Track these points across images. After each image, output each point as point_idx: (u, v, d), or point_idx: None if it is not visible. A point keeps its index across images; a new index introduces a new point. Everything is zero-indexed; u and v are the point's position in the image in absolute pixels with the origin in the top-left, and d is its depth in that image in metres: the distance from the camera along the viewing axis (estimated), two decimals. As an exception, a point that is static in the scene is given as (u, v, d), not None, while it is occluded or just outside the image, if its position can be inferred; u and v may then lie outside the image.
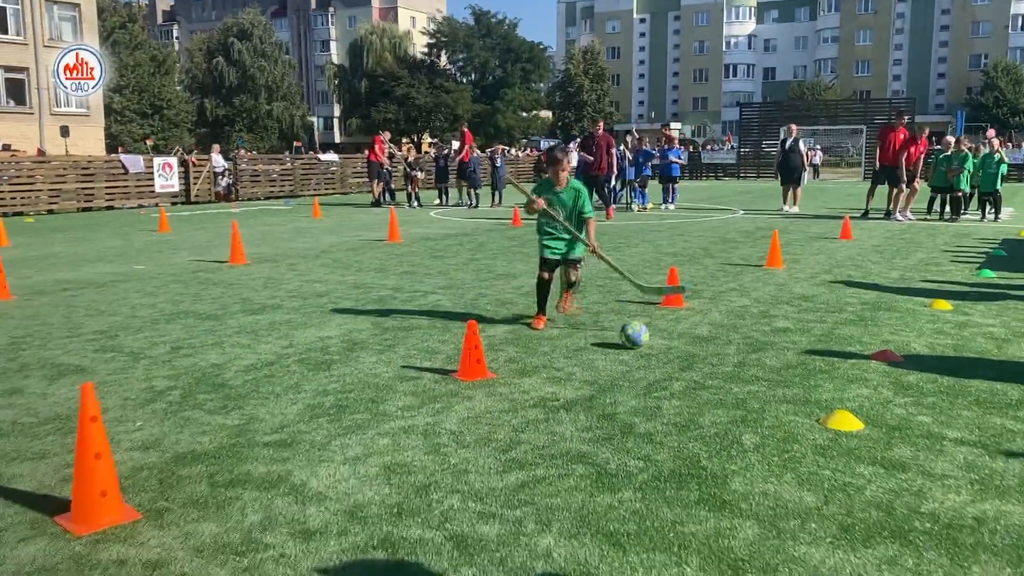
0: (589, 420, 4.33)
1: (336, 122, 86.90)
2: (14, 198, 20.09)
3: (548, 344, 6.01)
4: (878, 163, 16.15)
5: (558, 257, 6.47)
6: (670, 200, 19.46)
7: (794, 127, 18.54)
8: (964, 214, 16.09)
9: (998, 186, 15.85)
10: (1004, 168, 16.30)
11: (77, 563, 2.87)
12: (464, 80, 74.97)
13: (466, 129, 22.14)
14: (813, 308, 7.31)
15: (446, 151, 22.29)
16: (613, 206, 17.37)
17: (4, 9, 41.11)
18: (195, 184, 23.34)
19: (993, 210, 15.90)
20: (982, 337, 6.15)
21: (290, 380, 5.11)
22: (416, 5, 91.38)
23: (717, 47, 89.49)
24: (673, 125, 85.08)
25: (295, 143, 63.24)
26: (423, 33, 76.20)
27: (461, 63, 75.17)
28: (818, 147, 40.66)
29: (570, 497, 3.38)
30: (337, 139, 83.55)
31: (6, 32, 41.15)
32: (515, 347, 5.91)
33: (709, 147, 53.14)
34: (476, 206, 20.14)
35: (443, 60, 75.79)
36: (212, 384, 5.02)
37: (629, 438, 4.07)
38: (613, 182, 18.12)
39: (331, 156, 30.14)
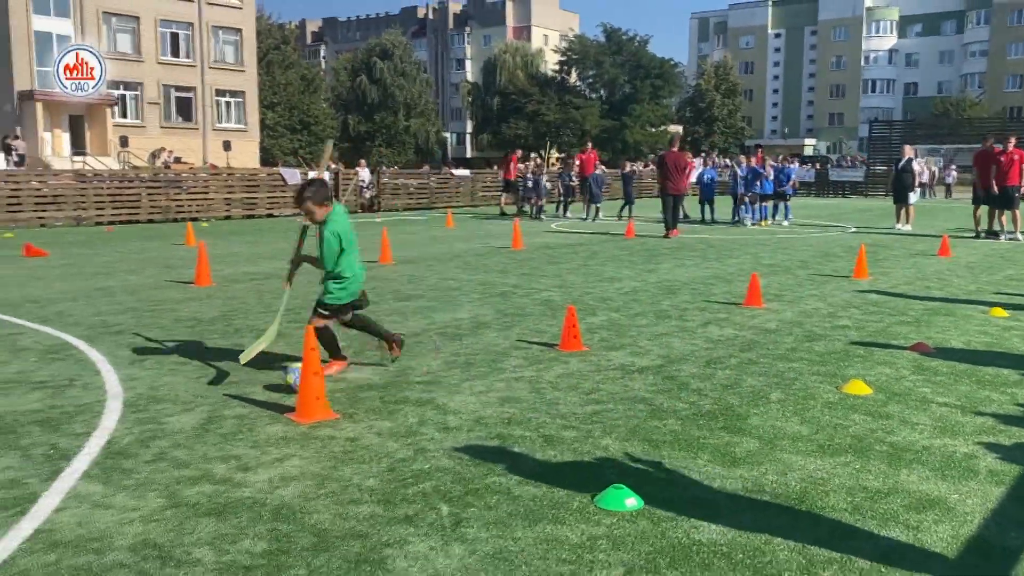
0: (655, 379, 5.71)
1: (468, 138, 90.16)
2: (189, 205, 22.99)
3: (635, 330, 7.38)
4: (995, 185, 16.33)
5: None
6: (784, 217, 20.30)
7: (908, 148, 19.04)
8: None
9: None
10: None
11: (305, 436, 4.51)
12: (593, 96, 76.54)
13: (591, 147, 23.65)
14: (877, 311, 8.35)
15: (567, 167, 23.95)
16: (676, 228, 17.66)
17: (177, 35, 45.69)
18: (343, 195, 25.79)
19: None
20: (1018, 338, 7.09)
21: (432, 345, 6.71)
22: (549, 23, 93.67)
23: (855, 62, 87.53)
24: (807, 141, 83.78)
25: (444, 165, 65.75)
26: (555, 51, 78.29)
27: (591, 79, 76.78)
28: (953, 166, 39.70)
29: (628, 421, 4.78)
30: (469, 154, 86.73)
31: (178, 56, 45.73)
32: (608, 331, 7.32)
33: (842, 164, 52.50)
34: (595, 220, 21.51)
35: (573, 77, 77.64)
36: (374, 346, 6.68)
37: (683, 391, 5.42)
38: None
39: (463, 171, 32.24)
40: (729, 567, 3.06)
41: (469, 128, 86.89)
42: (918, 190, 19.50)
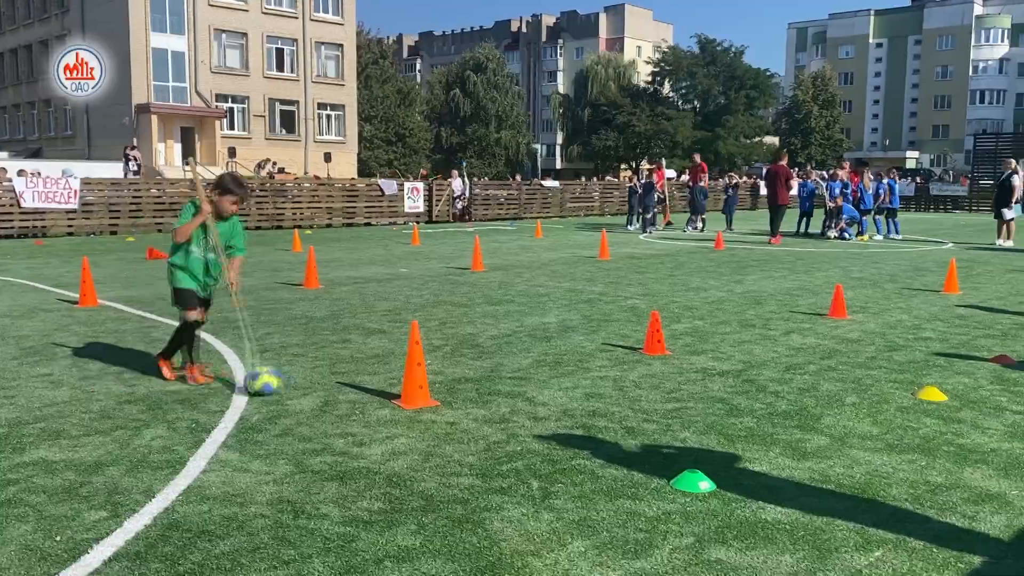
0: (734, 382, 6.02)
1: (558, 149, 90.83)
2: (294, 213, 24.17)
3: (718, 337, 7.68)
4: None
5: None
6: (895, 231, 20.18)
7: (1011, 162, 18.57)
8: None
9: None
10: None
11: (410, 420, 5.03)
12: (686, 107, 76.07)
13: (698, 158, 23.88)
14: (964, 324, 8.41)
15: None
16: (779, 235, 18.66)
17: (282, 51, 47.78)
18: (437, 206, 26.68)
19: None
20: (1106, 352, 7.09)
21: (522, 345, 7.18)
22: (643, 35, 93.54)
23: (963, 72, 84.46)
24: (909, 154, 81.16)
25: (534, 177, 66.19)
26: (647, 62, 78.16)
27: (684, 90, 76.33)
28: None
29: (706, 417, 5.13)
30: (559, 165, 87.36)
31: (283, 70, 47.81)
32: (691, 337, 7.64)
33: (943, 179, 50.89)
34: (702, 230, 21.73)
35: (666, 88, 77.35)
36: (470, 345, 7.19)
37: (761, 393, 5.72)
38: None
39: (552, 183, 32.76)
40: (790, 541, 3.40)
41: (559, 140, 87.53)
42: (1017, 205, 18.95)
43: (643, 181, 22.73)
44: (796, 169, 31.11)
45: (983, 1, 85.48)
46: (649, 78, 76.96)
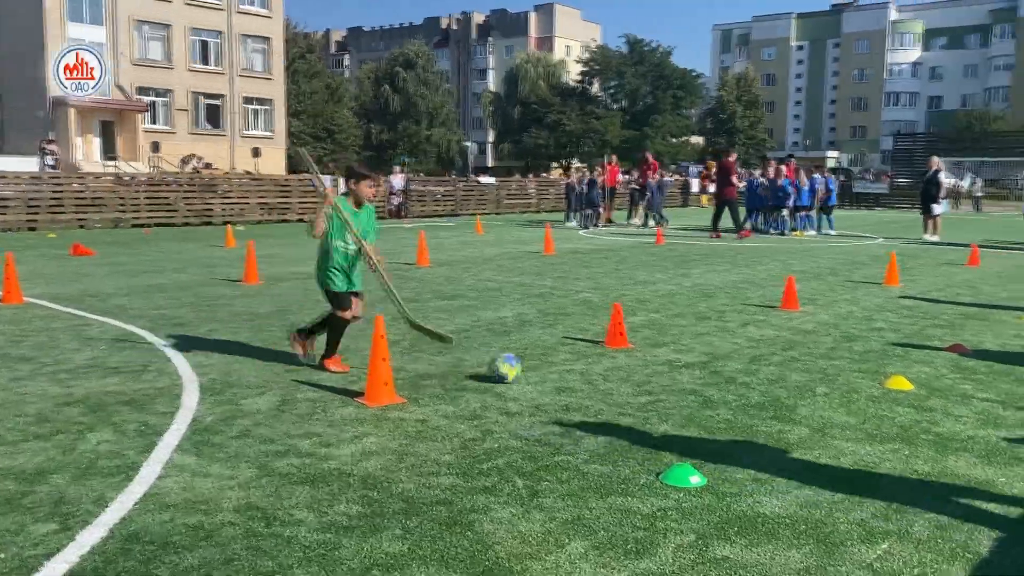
0: (702, 374, 5.93)
1: (489, 147, 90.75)
2: (224, 209, 23.42)
3: (677, 329, 7.60)
4: None
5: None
6: (827, 227, 20.65)
7: (935, 160, 19.14)
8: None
9: None
10: None
11: (377, 418, 4.77)
12: (615, 106, 76.81)
13: (651, 156, 24.05)
14: (911, 315, 8.53)
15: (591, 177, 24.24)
16: (747, 227, 19.02)
17: (207, 43, 46.39)
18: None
19: None
20: (1053, 341, 7.26)
21: (481, 340, 6.97)
22: (572, 34, 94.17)
23: (878, 75, 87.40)
24: (829, 154, 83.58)
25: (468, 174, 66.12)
26: (577, 61, 78.68)
27: (613, 90, 77.07)
28: (979, 180, 39.60)
29: (681, 410, 5.01)
30: (490, 163, 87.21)
31: (208, 63, 46.41)
32: (650, 330, 7.54)
33: (865, 177, 52.47)
34: (644, 225, 21.87)
35: (595, 87, 77.97)
36: (428, 340, 6.93)
37: (731, 385, 5.63)
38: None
39: (489, 179, 32.61)
40: (793, 536, 3.28)
41: (490, 137, 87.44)
42: (944, 202, 19.57)
43: (588, 178, 22.77)
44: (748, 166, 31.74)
45: (897, 6, 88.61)
46: (579, 77, 77.46)
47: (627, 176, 25.94)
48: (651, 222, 22.44)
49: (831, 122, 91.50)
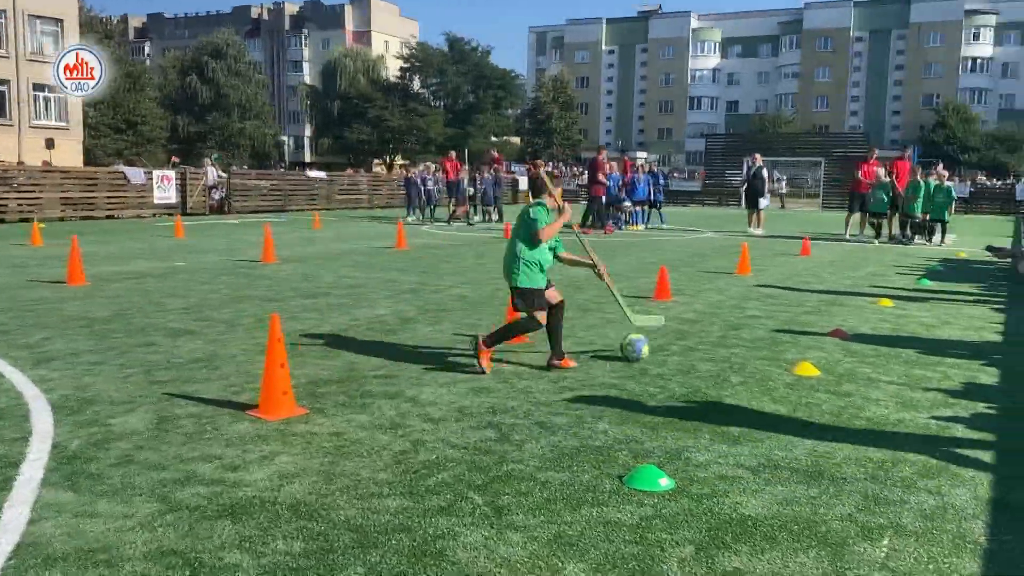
0: (612, 367, 5.67)
1: (307, 141, 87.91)
2: (19, 205, 20.96)
3: (567, 323, 7.32)
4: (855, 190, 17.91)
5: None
6: (659, 221, 21.23)
7: (758, 156, 20.20)
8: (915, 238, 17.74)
9: (945, 215, 17.51)
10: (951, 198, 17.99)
11: (280, 433, 4.13)
12: (437, 104, 76.58)
13: (496, 153, 23.82)
14: (778, 303, 8.74)
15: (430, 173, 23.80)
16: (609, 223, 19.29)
17: (-12, 23, 41.70)
18: (191, 196, 24.38)
19: (940, 234, 17.52)
20: (915, 324, 7.63)
21: (367, 340, 6.38)
22: (390, 30, 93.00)
23: (682, 79, 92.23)
24: (640, 154, 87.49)
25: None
26: (397, 57, 77.73)
27: (434, 87, 76.82)
28: (783, 178, 42.63)
29: (611, 405, 4.71)
30: (308, 159, 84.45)
31: (-11, 45, 41.72)
32: (540, 323, 7.23)
33: (674, 176, 55.24)
34: (488, 220, 21.60)
35: (416, 84, 77.41)
36: (307, 342, 6.27)
37: (646, 377, 5.41)
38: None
39: (319, 174, 31.32)
40: (793, 539, 3.04)
41: (308, 132, 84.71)
42: (768, 196, 20.74)
43: (431, 174, 22.34)
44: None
45: (698, 15, 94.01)
46: (399, 73, 76.57)
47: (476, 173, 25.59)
48: (477, 217, 22.33)
49: (640, 124, 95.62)
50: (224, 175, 25.91)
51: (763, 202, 19.60)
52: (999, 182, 42.23)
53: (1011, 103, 76.91)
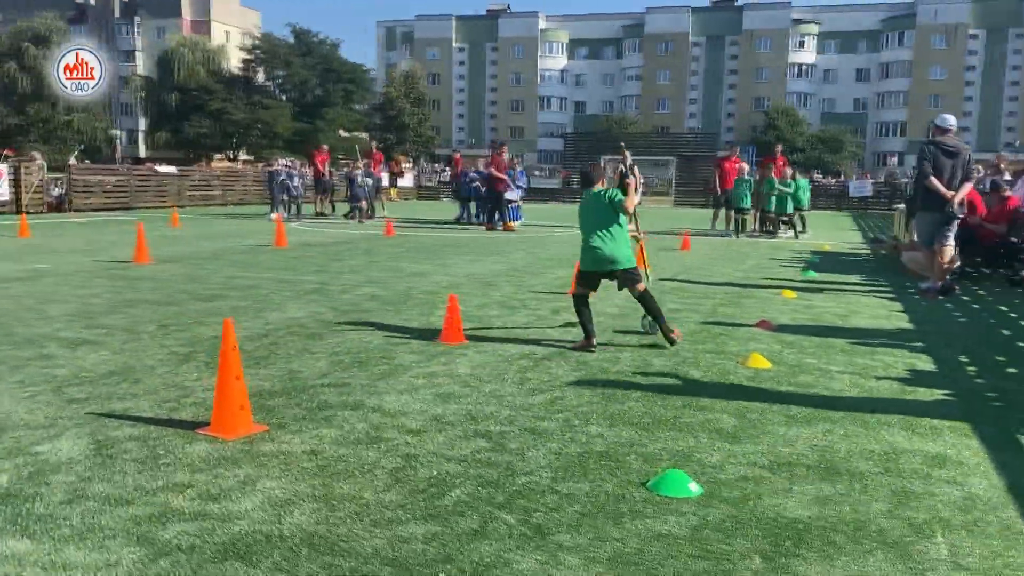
0: (569, 365, 5.45)
1: (141, 135, 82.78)
2: None
3: (497, 320, 7.06)
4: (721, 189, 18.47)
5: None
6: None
7: (627, 153, 20.54)
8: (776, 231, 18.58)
9: (791, 209, 18.41)
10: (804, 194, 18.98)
11: (247, 453, 3.63)
12: (284, 97, 74.00)
13: (376, 150, 23.09)
14: (691, 296, 8.82)
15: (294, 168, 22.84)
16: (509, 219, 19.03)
17: None
18: (26, 193, 22.22)
19: (791, 229, 18.42)
20: (828, 314, 7.85)
21: (295, 346, 5.86)
22: (230, 20, 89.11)
23: (532, 79, 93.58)
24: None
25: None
26: (240, 48, 74.53)
27: (280, 80, 74.19)
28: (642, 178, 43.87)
29: (591, 406, 4.49)
30: (142, 153, 79.57)
31: None
32: (468, 321, 6.88)
33: (536, 173, 55.95)
34: (359, 219, 20.78)
35: (261, 76, 74.51)
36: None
37: (605, 374, 5.22)
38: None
39: (169, 168, 29.41)
40: (852, 541, 2.92)
41: (143, 125, 79.76)
42: (638, 192, 21.16)
43: (297, 169, 21.33)
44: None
45: (546, 16, 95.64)
46: (242, 65, 73.42)
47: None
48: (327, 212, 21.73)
49: (492, 122, 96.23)
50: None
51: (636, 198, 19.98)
52: (833, 180, 45.35)
53: (832, 107, 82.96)
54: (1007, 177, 10.68)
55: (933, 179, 8.94)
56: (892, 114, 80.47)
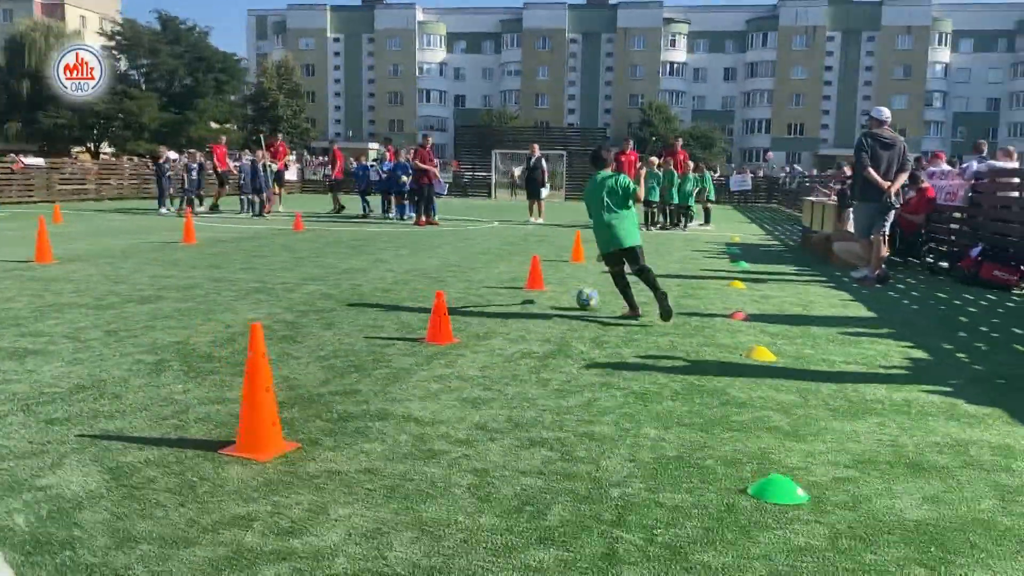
0: (576, 364, 5.19)
1: (-11, 126, 76.68)
2: None
3: (476, 319, 6.71)
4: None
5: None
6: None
7: (535, 147, 20.47)
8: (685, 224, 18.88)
9: (691, 201, 18.78)
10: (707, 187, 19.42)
11: (297, 476, 3.19)
12: (150, 87, 70.20)
13: (280, 141, 22.20)
14: (645, 288, 8.69)
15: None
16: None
17: None
18: None
19: (685, 220, 18.76)
20: (788, 304, 7.91)
21: (273, 351, 5.31)
22: (86, 3, 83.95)
23: (411, 72, 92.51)
24: (371, 145, 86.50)
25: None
26: (99, 34, 70.20)
27: (146, 69, 70.37)
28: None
29: (631, 407, 4.25)
30: (-8, 145, 73.71)
31: None
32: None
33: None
34: (258, 214, 19.73)
35: (123, 65, 70.45)
36: (197, 357, 5.10)
37: (626, 370, 4.99)
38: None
39: (37, 160, 27.21)
40: (992, 542, 2.82)
41: (-10, 115, 73.87)
42: (548, 185, 21.13)
43: (197, 162, 20.13)
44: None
45: (423, 8, 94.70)
46: (103, 52, 69.19)
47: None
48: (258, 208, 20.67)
49: (371, 115, 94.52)
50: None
51: (544, 192, 19.92)
52: (715, 175, 46.85)
53: (703, 104, 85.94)
54: (1003, 164, 11.18)
55: (871, 170, 9.19)
56: (758, 112, 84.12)
